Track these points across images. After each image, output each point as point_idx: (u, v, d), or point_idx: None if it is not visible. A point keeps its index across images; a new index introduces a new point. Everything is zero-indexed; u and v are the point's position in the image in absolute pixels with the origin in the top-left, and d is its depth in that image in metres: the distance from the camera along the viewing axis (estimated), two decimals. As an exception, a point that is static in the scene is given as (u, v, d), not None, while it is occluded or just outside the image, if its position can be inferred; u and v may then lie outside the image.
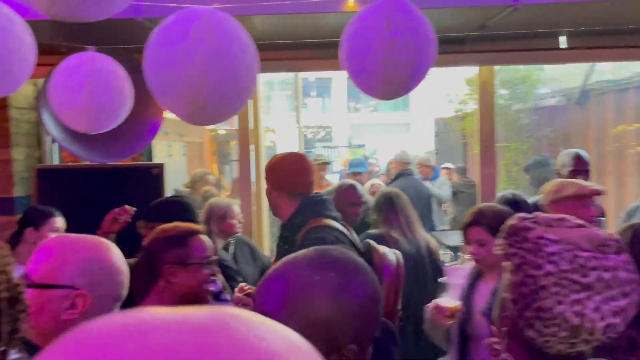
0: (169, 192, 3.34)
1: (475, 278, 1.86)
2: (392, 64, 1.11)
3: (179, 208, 2.11)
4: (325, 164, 4.79)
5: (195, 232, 1.54)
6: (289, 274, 0.84)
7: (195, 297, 1.48)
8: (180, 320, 0.35)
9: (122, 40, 2.96)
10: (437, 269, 2.66)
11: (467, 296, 1.83)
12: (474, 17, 2.86)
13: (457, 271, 2.24)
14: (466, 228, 1.84)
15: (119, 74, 1.60)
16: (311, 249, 0.89)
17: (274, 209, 1.94)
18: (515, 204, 2.38)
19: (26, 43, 1.43)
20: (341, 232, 1.83)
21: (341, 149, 15.70)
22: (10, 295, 0.88)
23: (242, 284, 1.89)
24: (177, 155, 5.70)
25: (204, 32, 1.23)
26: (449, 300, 1.81)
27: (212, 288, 1.55)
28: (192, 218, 1.97)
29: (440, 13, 2.65)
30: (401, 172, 4.39)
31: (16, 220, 3.31)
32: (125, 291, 1.18)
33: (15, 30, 1.32)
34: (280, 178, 1.85)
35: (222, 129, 7.57)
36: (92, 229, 3.00)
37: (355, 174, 4.40)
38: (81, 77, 1.51)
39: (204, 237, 1.56)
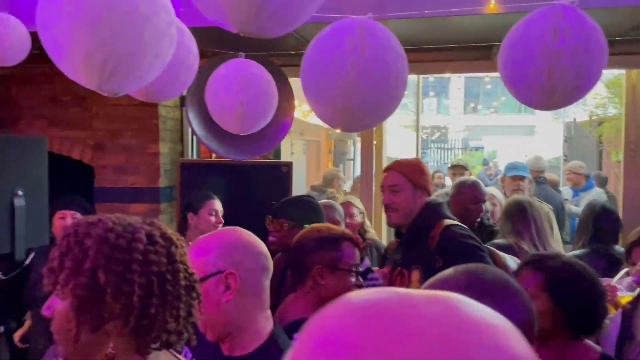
0: (295, 189, 3.47)
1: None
2: (557, 74, 1.05)
3: (307, 207, 2.16)
4: (462, 169, 4.55)
5: (346, 237, 1.55)
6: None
7: None
8: (429, 295, 0.41)
9: (262, 46, 3.13)
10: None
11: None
12: (626, 18, 2.65)
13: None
14: (632, 247, 1.70)
15: (267, 78, 1.71)
16: (459, 270, 0.88)
17: (403, 210, 1.90)
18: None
19: (192, 52, 1.57)
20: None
21: (456, 150, 15.21)
22: (188, 284, 0.98)
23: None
24: (298, 153, 5.92)
25: (357, 42, 1.26)
26: (622, 291, 1.69)
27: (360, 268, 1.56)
28: (317, 219, 2.01)
29: (592, 14, 2.49)
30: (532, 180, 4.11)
31: (161, 207, 3.67)
32: (268, 261, 1.24)
33: (184, 41, 1.45)
34: (424, 179, 1.85)
35: (339, 127, 7.71)
36: (226, 219, 3.24)
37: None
38: (235, 82, 1.63)
39: (353, 244, 1.57)
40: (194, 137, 3.85)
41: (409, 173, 1.88)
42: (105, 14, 0.85)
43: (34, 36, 2.21)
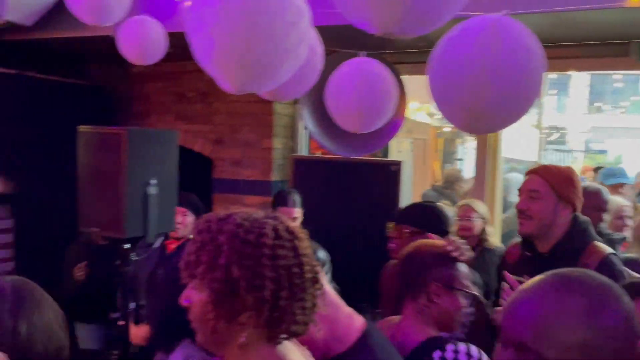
0: (405, 189, 3.43)
1: None
2: None
3: (431, 214, 2.08)
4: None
5: (457, 256, 1.45)
6: (538, 299, 0.83)
7: (450, 324, 1.42)
8: None
9: (375, 44, 3.12)
10: None
11: None
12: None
13: None
14: None
15: (389, 78, 1.70)
16: (548, 273, 0.87)
17: (539, 219, 1.74)
18: None
19: (317, 52, 1.60)
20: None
21: (577, 154, 14.09)
22: (312, 276, 1.00)
23: None
24: (405, 151, 5.83)
25: (489, 42, 1.21)
26: None
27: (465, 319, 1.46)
28: (443, 227, 1.93)
29: None
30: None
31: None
32: None
33: (312, 44, 1.47)
34: (572, 191, 1.71)
35: (448, 126, 7.49)
36: (334, 216, 3.29)
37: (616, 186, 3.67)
38: (357, 80, 1.64)
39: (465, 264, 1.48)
40: (307, 132, 3.95)
41: (555, 181, 1.74)
42: (255, 19, 0.90)
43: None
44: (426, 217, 2.02)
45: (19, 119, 3.51)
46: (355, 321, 1.15)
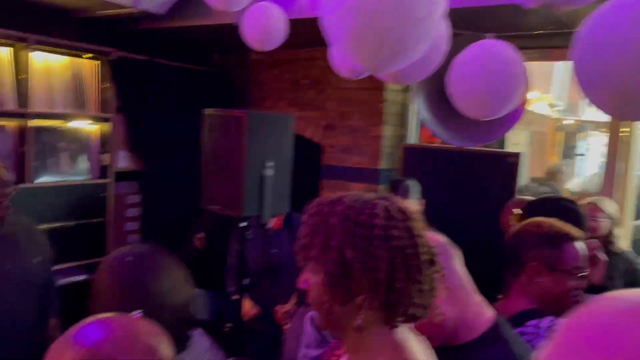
0: (523, 182, 3.24)
1: None
2: None
3: (565, 212, 1.91)
4: None
5: (571, 237, 1.42)
6: None
7: (557, 304, 1.37)
8: None
9: (501, 27, 2.96)
10: None
11: None
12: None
13: None
14: None
15: (520, 62, 1.59)
16: None
17: None
18: None
19: (444, 34, 1.54)
20: None
21: None
22: (429, 257, 0.96)
23: None
24: (522, 144, 5.51)
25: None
26: None
27: (578, 299, 1.41)
28: (581, 227, 1.79)
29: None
30: None
31: (379, 188, 3.79)
32: None
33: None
34: None
35: (570, 119, 6.94)
36: (445, 207, 3.19)
37: None
38: (486, 64, 1.56)
39: (580, 245, 1.42)
40: (417, 121, 3.87)
41: None
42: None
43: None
44: (563, 213, 1.88)
45: (149, 102, 3.80)
46: (486, 311, 1.10)
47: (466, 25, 1.96)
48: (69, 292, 3.33)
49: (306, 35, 2.83)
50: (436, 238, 1.13)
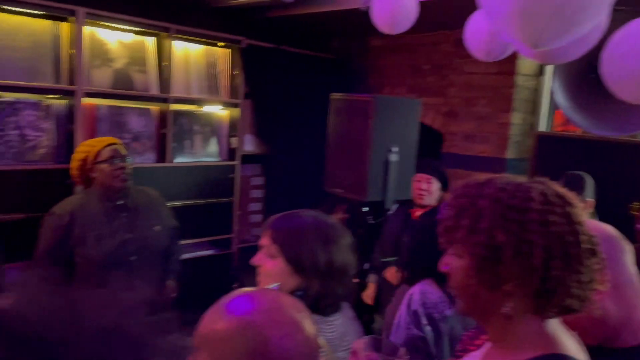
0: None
1: None
2: None
3: None
4: None
5: None
6: None
7: None
8: None
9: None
10: None
11: None
12: None
13: None
14: None
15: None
16: None
17: None
18: None
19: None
20: None
21: None
22: (589, 247, 0.88)
23: None
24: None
25: None
26: None
27: None
28: None
29: None
30: None
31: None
32: None
33: None
34: None
35: None
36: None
37: None
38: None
39: None
40: (550, 107, 3.61)
41: None
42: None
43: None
44: None
45: (274, 88, 3.95)
46: None
47: (625, 1, 1.76)
48: (197, 265, 3.59)
49: (429, 18, 2.75)
50: (605, 229, 1.04)
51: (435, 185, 2.79)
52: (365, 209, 2.52)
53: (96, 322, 0.39)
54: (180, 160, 3.53)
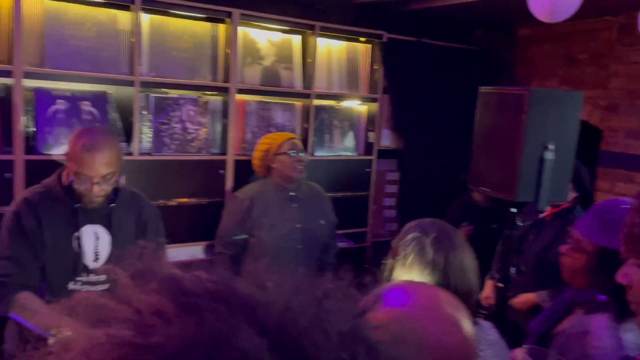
0: None
1: None
2: None
3: None
4: None
5: None
6: None
7: None
8: None
9: None
10: None
11: None
12: None
13: None
14: None
15: None
16: None
17: None
18: None
19: None
20: None
21: None
22: None
23: None
24: None
25: None
26: None
27: None
28: None
29: None
30: None
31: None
32: None
33: None
34: None
35: None
36: None
37: None
38: None
39: None
40: None
41: None
42: None
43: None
44: None
45: (413, 83, 3.89)
46: None
47: None
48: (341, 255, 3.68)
49: (591, 4, 2.49)
50: None
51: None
52: (513, 209, 2.37)
53: (340, 323, 0.37)
54: (320, 153, 3.64)
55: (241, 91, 3.26)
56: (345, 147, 3.78)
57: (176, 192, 3.07)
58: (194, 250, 3.19)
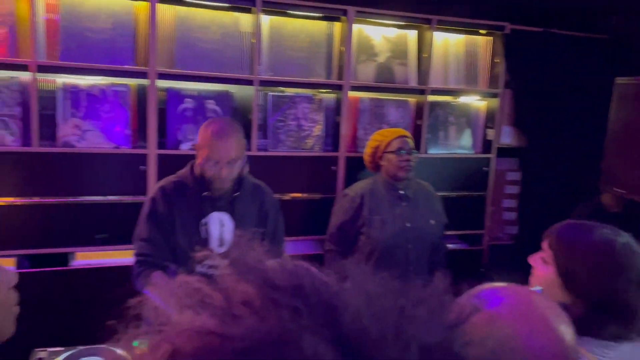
0: None
1: None
2: None
3: None
4: None
5: None
6: None
7: None
8: None
9: None
10: None
11: None
12: None
13: None
14: None
15: None
16: None
17: None
18: None
19: None
20: None
21: None
22: None
23: None
24: None
25: None
26: None
27: None
28: None
29: None
30: None
31: None
32: None
33: None
34: None
35: None
36: None
37: None
38: None
39: None
40: None
41: None
42: None
43: None
44: None
45: (537, 76, 3.62)
46: None
47: None
48: (449, 258, 3.55)
49: None
50: None
51: None
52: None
53: (425, 335, 0.33)
54: (433, 151, 3.53)
55: (354, 88, 3.27)
56: (461, 144, 3.63)
57: (290, 187, 3.17)
58: (305, 245, 3.27)
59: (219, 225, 2.09)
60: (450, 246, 3.61)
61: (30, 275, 2.69)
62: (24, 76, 2.69)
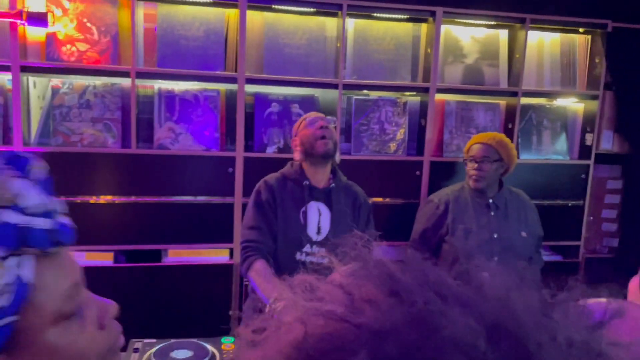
0: None
1: None
2: None
3: None
4: None
5: None
6: None
7: None
8: None
9: None
10: None
11: None
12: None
13: None
14: None
15: None
16: None
17: None
18: None
19: None
20: None
21: None
22: None
23: None
24: None
25: None
26: None
27: None
28: None
29: None
30: None
31: None
32: None
33: None
34: None
35: None
36: None
37: None
38: None
39: None
40: None
41: None
42: None
43: None
44: None
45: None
46: None
47: None
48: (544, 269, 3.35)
49: None
50: None
51: None
52: None
53: (570, 332, 0.32)
54: (525, 157, 3.35)
55: (440, 91, 3.18)
56: (555, 150, 3.41)
57: (373, 192, 3.13)
58: (386, 251, 3.21)
59: (317, 214, 2.21)
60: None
61: (126, 269, 2.86)
62: (125, 82, 2.87)
